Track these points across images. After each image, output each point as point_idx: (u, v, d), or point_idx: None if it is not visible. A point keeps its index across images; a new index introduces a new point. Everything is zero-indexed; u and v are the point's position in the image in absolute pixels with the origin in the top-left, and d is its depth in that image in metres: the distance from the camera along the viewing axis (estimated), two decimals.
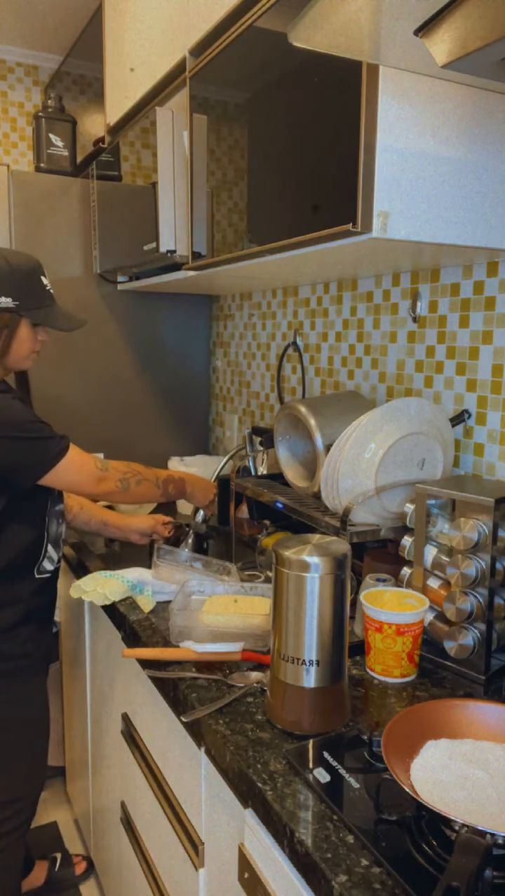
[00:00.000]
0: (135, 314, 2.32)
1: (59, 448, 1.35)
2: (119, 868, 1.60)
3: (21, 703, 1.47)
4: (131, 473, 1.46)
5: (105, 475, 1.41)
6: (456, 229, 1.10)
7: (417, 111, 1.02)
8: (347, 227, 1.02)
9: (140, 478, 1.47)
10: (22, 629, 1.44)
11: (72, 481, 1.38)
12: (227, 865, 0.98)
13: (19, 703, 1.47)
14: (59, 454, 1.35)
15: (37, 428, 1.35)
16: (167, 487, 1.52)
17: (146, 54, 1.74)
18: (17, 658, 1.44)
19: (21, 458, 1.33)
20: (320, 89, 1.10)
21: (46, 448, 1.35)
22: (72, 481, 1.38)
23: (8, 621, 1.42)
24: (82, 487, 1.40)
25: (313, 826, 0.76)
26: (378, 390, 1.64)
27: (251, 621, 1.18)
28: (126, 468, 1.46)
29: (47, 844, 2.01)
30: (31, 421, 1.35)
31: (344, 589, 0.93)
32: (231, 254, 1.40)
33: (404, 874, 0.69)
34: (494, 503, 1.04)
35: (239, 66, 1.32)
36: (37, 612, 1.47)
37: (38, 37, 2.65)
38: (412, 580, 1.18)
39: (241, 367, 2.30)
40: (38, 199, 2.13)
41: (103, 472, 1.41)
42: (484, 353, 1.34)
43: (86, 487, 1.40)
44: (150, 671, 1.13)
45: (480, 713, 0.87)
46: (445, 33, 0.79)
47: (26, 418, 1.35)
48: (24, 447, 1.33)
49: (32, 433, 1.34)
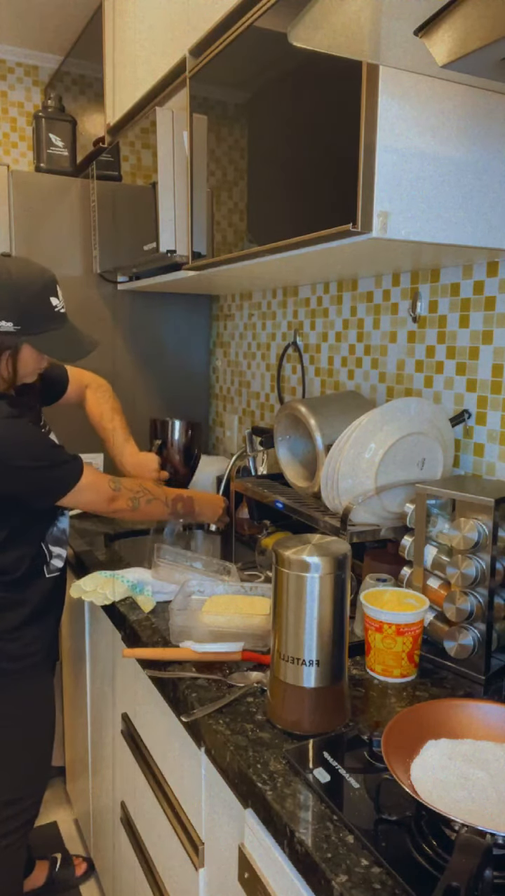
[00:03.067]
0: (135, 314, 2.32)
1: (75, 471, 1.38)
2: (119, 868, 1.60)
3: (27, 703, 1.48)
4: (142, 493, 1.48)
5: (117, 494, 1.44)
6: (456, 229, 1.10)
7: (417, 111, 1.02)
8: (347, 227, 1.02)
9: (150, 497, 1.49)
10: (28, 630, 1.45)
11: (87, 501, 1.41)
12: (227, 865, 0.98)
13: (25, 703, 1.47)
14: (75, 478, 1.38)
15: (53, 455, 1.37)
16: (176, 506, 1.54)
17: (146, 54, 1.74)
18: (24, 658, 1.44)
19: (40, 485, 1.36)
20: (320, 89, 1.10)
21: (63, 473, 1.37)
22: (87, 501, 1.41)
23: (15, 622, 1.42)
24: (96, 506, 1.43)
25: (313, 826, 0.76)
26: (378, 390, 1.64)
27: (251, 621, 1.18)
28: (137, 487, 1.48)
29: (47, 844, 2.01)
30: (47, 447, 1.37)
31: (344, 589, 0.93)
32: (231, 254, 1.40)
33: (404, 874, 0.69)
34: (494, 503, 1.04)
35: (239, 66, 1.32)
36: (44, 612, 1.48)
37: (38, 37, 2.65)
38: (412, 580, 1.18)
39: (241, 367, 2.30)
40: (38, 199, 2.13)
41: (116, 492, 1.44)
42: (484, 353, 1.34)
43: (99, 506, 1.43)
44: (150, 671, 1.13)
45: (480, 713, 0.87)
46: (445, 33, 0.79)
47: (43, 445, 1.37)
48: (42, 476, 1.36)
49: (49, 461, 1.35)
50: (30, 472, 1.33)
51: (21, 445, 1.32)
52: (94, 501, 1.41)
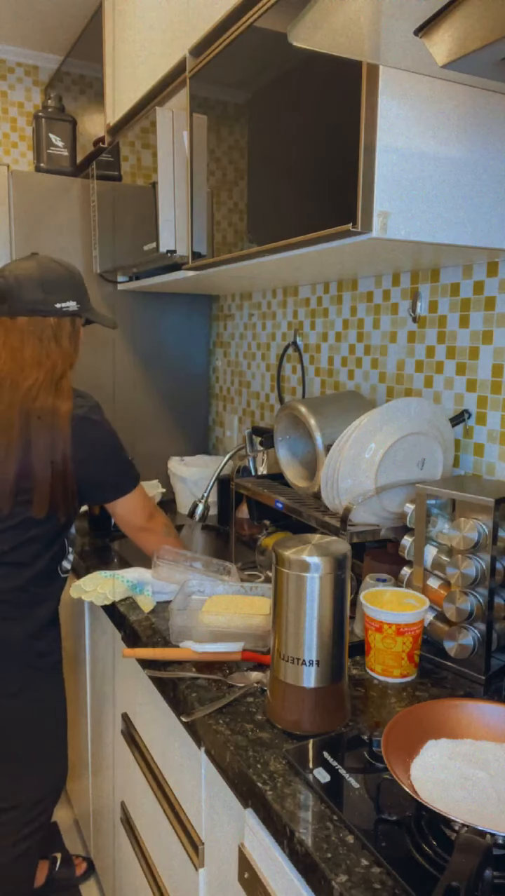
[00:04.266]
0: (135, 314, 2.32)
1: (138, 475, 1.47)
2: (119, 868, 1.60)
3: (50, 702, 1.50)
4: (168, 524, 1.56)
5: (155, 515, 1.52)
6: (456, 229, 1.10)
7: (417, 111, 1.02)
8: (347, 227, 1.02)
9: (173, 531, 1.57)
10: (52, 628, 1.49)
11: (132, 509, 1.48)
12: (227, 865, 0.98)
13: (49, 702, 1.50)
14: (138, 480, 1.46)
15: (127, 453, 1.46)
16: None
17: (146, 54, 1.74)
18: (49, 655, 1.48)
19: (119, 477, 1.44)
20: (320, 89, 1.10)
21: (135, 472, 1.47)
22: (132, 509, 1.48)
23: (44, 619, 1.45)
24: (137, 519, 1.49)
25: (313, 826, 0.76)
26: (378, 390, 1.64)
27: (251, 621, 1.18)
28: (165, 520, 1.56)
29: (47, 844, 2.01)
30: (123, 445, 1.46)
31: (344, 589, 0.93)
32: (231, 254, 1.40)
33: (404, 874, 0.69)
34: (494, 503, 1.04)
35: (239, 66, 1.32)
36: (57, 611, 1.51)
37: (38, 37, 2.65)
38: (412, 580, 1.18)
39: (242, 367, 2.30)
40: (38, 199, 2.12)
41: (156, 513, 1.52)
42: (484, 353, 1.34)
43: (139, 520, 1.49)
44: (150, 671, 1.13)
45: (480, 713, 0.87)
46: (445, 33, 0.79)
47: (121, 442, 1.45)
48: (126, 468, 1.45)
49: (128, 456, 1.45)
50: (120, 463, 1.43)
51: (116, 434, 1.44)
52: (137, 513, 1.47)
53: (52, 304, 1.40)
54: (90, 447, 1.38)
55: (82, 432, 1.36)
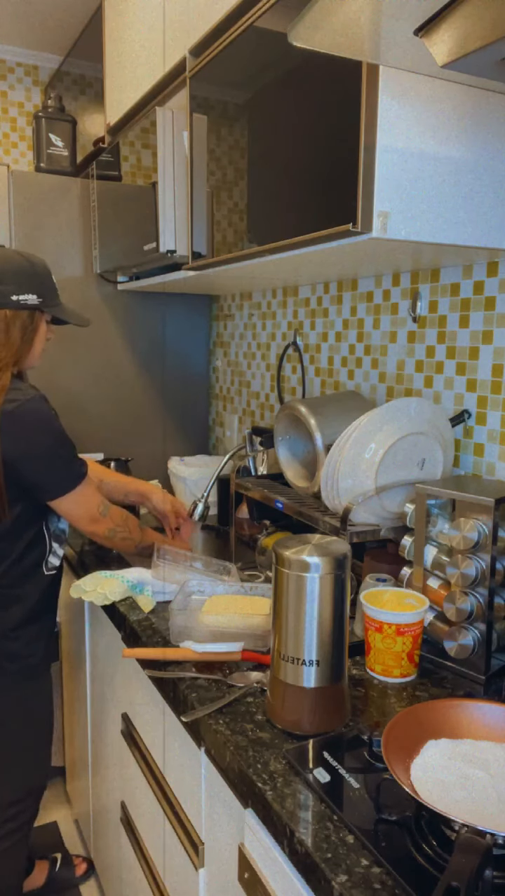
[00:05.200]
0: (135, 314, 2.32)
1: (81, 474, 1.39)
2: (119, 868, 1.60)
3: (26, 703, 1.48)
4: (122, 527, 1.49)
5: (101, 519, 1.44)
6: (456, 229, 1.10)
7: (417, 111, 1.02)
8: (347, 227, 1.02)
9: (126, 535, 1.49)
10: (28, 628, 1.45)
11: (74, 511, 1.41)
12: (227, 865, 0.98)
13: (24, 703, 1.47)
14: (79, 480, 1.38)
15: (73, 448, 1.39)
16: (143, 550, 1.54)
17: (146, 54, 1.74)
18: (23, 658, 1.44)
19: (49, 474, 1.37)
20: (320, 89, 1.10)
21: (76, 472, 1.39)
22: (74, 511, 1.41)
23: (15, 620, 1.42)
24: (79, 520, 1.42)
25: (313, 826, 0.76)
26: (378, 390, 1.64)
27: (251, 621, 1.18)
28: (121, 522, 1.48)
29: (47, 844, 2.01)
30: (67, 439, 1.39)
31: (344, 589, 0.93)
32: (231, 254, 1.40)
33: (404, 874, 0.69)
34: (494, 503, 1.04)
35: (239, 66, 1.32)
36: (42, 611, 1.48)
37: (38, 37, 2.65)
38: (412, 580, 1.18)
39: (242, 367, 2.30)
40: (38, 199, 2.13)
41: (101, 516, 1.44)
42: (484, 353, 1.34)
43: (81, 522, 1.43)
44: (150, 671, 1.13)
45: (480, 713, 0.87)
46: (445, 33, 0.79)
47: (65, 436, 1.38)
48: (62, 466, 1.37)
49: (71, 452, 1.38)
50: (56, 460, 1.36)
51: (56, 431, 1.36)
52: (80, 516, 1.41)
53: (7, 296, 1.37)
54: (23, 445, 1.32)
55: (11, 429, 1.30)
